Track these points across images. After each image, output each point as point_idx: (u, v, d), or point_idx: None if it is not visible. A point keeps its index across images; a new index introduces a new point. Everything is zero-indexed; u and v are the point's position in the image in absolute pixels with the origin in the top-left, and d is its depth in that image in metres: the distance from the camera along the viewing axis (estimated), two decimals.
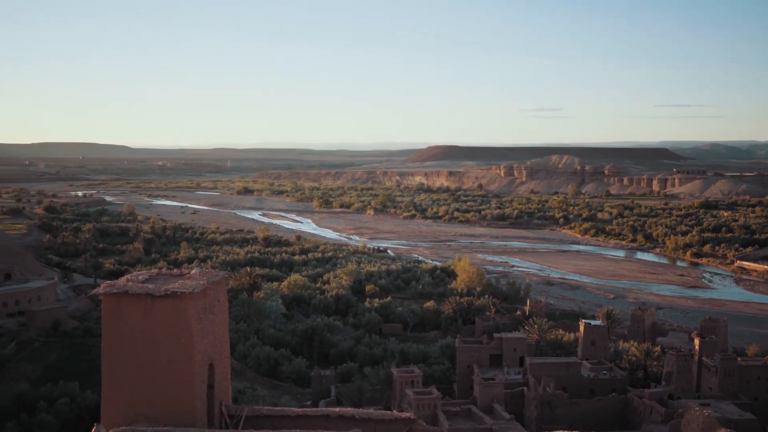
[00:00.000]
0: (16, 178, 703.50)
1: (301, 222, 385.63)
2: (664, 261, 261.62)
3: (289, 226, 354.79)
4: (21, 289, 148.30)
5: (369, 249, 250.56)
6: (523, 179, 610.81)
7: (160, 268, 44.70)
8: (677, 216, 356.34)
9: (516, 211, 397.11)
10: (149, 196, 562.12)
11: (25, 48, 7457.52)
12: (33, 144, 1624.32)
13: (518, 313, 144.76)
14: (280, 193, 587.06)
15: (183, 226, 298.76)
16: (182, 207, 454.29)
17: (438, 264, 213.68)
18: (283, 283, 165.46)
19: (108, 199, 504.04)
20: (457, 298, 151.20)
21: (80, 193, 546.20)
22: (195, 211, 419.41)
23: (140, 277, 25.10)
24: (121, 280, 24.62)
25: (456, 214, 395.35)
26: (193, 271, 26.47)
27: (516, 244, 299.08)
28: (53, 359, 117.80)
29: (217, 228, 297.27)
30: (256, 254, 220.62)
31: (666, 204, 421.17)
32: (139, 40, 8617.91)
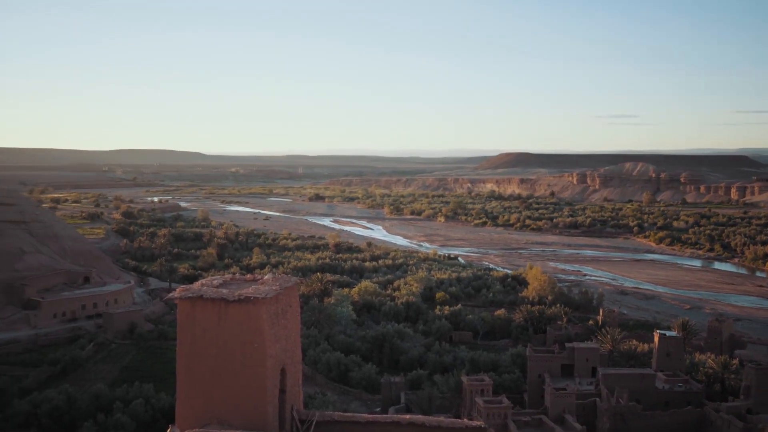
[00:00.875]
0: (95, 184, 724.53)
1: (371, 229, 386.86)
2: (743, 271, 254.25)
3: (360, 233, 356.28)
4: (99, 292, 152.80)
5: (439, 256, 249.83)
6: (596, 187, 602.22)
7: (234, 274, 45.32)
8: (757, 225, 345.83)
9: (589, 219, 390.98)
10: (222, 202, 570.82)
11: (103, 57, 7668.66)
12: (111, 151, 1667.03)
13: (590, 322, 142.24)
14: (351, 199, 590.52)
15: (255, 232, 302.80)
16: (255, 213, 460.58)
17: (509, 272, 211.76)
18: (353, 289, 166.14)
19: (183, 204, 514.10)
20: (528, 306, 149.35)
21: (156, 199, 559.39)
22: (267, 217, 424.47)
23: (214, 282, 25.45)
24: (196, 285, 24.99)
25: (527, 221, 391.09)
26: (266, 277, 26.74)
27: (588, 252, 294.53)
28: (129, 361, 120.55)
29: (289, 234, 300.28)
30: (327, 260, 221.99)
31: (745, 213, 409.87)
32: (213, 47, 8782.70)
